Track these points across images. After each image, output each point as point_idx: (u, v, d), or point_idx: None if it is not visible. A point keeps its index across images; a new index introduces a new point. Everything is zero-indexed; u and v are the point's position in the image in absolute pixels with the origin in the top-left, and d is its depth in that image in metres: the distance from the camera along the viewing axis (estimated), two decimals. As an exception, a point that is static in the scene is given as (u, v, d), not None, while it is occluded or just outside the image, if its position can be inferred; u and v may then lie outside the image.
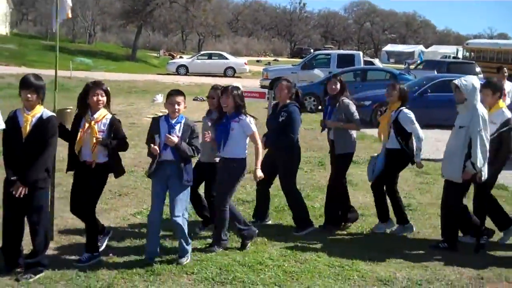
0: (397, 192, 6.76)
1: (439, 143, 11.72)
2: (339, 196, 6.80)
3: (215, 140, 5.82)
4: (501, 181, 8.64)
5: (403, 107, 6.57)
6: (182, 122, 5.41)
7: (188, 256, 5.49)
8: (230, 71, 36.59)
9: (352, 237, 6.61)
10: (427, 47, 76.37)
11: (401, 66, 39.29)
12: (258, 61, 57.74)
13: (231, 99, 5.71)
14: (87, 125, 5.21)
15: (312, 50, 60.82)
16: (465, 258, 5.93)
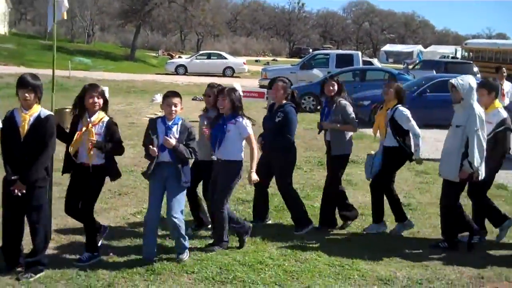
0: (394, 190, 6.76)
1: (438, 143, 11.66)
2: (335, 198, 6.80)
3: (210, 141, 5.82)
4: (501, 181, 8.68)
5: (399, 105, 6.57)
6: (179, 123, 5.41)
7: (187, 252, 5.50)
8: (229, 71, 36.55)
9: (352, 237, 6.61)
10: (425, 47, 76.36)
11: (400, 66, 39.38)
12: (257, 61, 57.71)
13: (227, 101, 5.70)
14: (84, 128, 5.21)
15: (311, 50, 60.86)
16: (465, 257, 5.93)
